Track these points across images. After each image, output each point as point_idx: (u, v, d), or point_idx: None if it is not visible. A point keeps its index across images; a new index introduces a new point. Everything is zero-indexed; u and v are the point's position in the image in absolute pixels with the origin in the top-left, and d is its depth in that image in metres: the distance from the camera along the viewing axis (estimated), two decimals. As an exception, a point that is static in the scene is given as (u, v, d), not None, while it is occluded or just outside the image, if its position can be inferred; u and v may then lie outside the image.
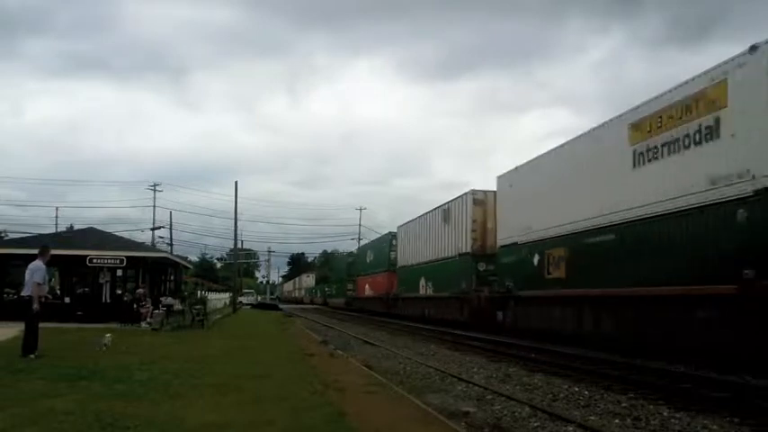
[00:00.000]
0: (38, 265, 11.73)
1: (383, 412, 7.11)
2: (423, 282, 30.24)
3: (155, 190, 66.97)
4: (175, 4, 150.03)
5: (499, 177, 21.97)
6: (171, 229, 63.97)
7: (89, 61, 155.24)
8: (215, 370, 10.16)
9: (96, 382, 8.50)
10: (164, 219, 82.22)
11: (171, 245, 61.85)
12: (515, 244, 20.04)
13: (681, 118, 12.77)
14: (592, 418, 7.85)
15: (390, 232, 40.44)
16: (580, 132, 16.03)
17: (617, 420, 7.72)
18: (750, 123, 10.98)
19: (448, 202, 27.53)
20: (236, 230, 40.44)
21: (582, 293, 15.76)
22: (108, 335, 13.76)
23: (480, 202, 24.22)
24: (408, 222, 34.96)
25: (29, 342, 11.31)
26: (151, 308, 21.78)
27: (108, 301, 24.11)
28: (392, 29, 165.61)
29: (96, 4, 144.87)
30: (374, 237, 51.28)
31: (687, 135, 12.55)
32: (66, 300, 24.35)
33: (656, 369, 11.54)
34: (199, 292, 38.86)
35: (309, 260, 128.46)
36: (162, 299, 24.79)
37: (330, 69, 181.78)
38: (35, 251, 12.54)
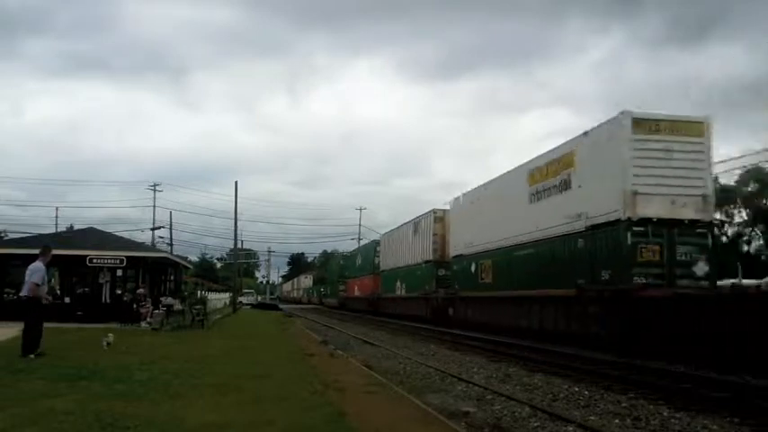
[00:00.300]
0: (38, 266, 11.70)
1: (383, 412, 7.12)
2: (398, 284, 35.32)
3: (155, 190, 66.96)
4: (175, 4, 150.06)
5: (452, 200, 27.45)
6: (171, 229, 63.97)
7: (89, 61, 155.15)
8: (215, 370, 10.16)
9: (96, 382, 8.49)
10: (164, 219, 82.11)
11: (171, 245, 61.84)
12: (461, 255, 25.52)
13: (554, 171, 18.14)
14: (592, 418, 7.86)
15: (375, 240, 46.13)
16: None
17: (617, 420, 7.72)
18: (585, 182, 16.56)
19: (418, 217, 32.72)
20: (236, 230, 40.46)
21: (502, 294, 21.16)
22: (110, 333, 13.79)
23: (440, 219, 29.22)
24: (390, 231, 40.65)
25: (28, 342, 11.32)
26: (151, 308, 21.77)
27: (108, 301, 24.11)
28: (392, 29, 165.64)
29: (96, 4, 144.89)
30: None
31: (555, 185, 18.05)
32: (67, 300, 24.34)
33: (656, 369, 11.55)
34: (199, 292, 38.85)
35: (309, 260, 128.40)
36: (162, 299, 24.77)
37: (330, 69, 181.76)
38: (35, 251, 12.54)
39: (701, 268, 14.92)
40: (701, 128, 15.46)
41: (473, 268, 24.05)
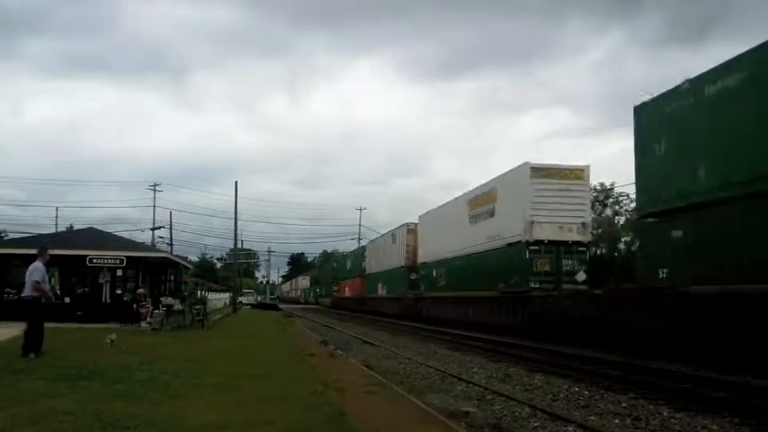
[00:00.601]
0: (36, 265, 11.79)
1: (383, 412, 7.11)
2: (380, 285, 40.75)
3: (155, 190, 66.96)
4: (175, 4, 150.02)
5: (420, 216, 33.65)
6: (171, 229, 63.96)
7: (89, 61, 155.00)
8: (215, 370, 10.15)
9: (96, 382, 8.49)
10: (164, 219, 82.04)
11: (171, 245, 61.82)
12: (426, 262, 31.31)
13: (484, 202, 24.02)
14: (592, 418, 7.86)
15: (363, 246, 53.75)
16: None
17: (617, 420, 7.72)
18: (502, 212, 22.25)
19: (395, 229, 38.93)
20: (236, 230, 40.45)
21: (450, 294, 26.72)
22: (114, 332, 13.77)
23: (412, 231, 34.94)
24: (374, 239, 48.18)
25: (30, 341, 11.34)
26: (151, 308, 21.75)
27: (108, 301, 24.09)
28: (392, 29, 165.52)
29: (96, 4, 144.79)
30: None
31: (485, 212, 23.85)
32: (67, 300, 24.31)
33: (656, 369, 11.55)
34: (199, 292, 38.85)
35: (309, 260, 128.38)
36: (162, 299, 24.75)
37: (330, 69, 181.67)
38: (35, 251, 12.55)
39: (581, 276, 20.16)
40: (582, 173, 20.72)
41: (434, 273, 29.68)
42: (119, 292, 25.33)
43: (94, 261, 23.21)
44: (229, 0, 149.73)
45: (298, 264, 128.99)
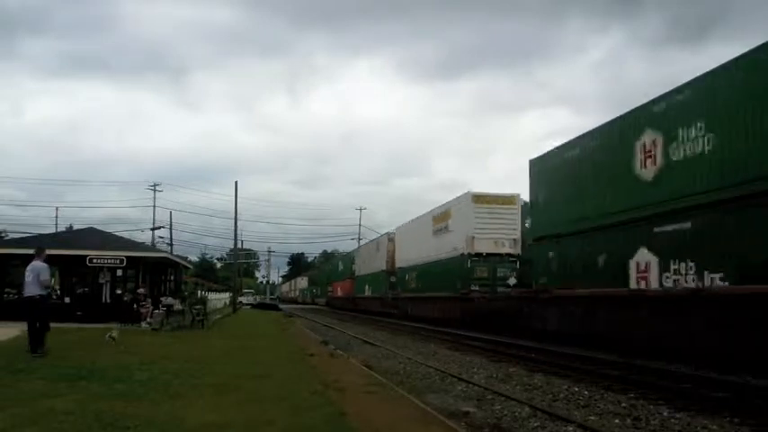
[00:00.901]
0: (42, 265, 11.72)
1: (383, 412, 7.11)
2: (367, 287, 45.93)
3: (155, 190, 66.98)
4: (175, 3, 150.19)
5: (397, 228, 39.26)
6: (171, 229, 63.98)
7: (89, 61, 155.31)
8: (215, 370, 10.16)
9: (96, 382, 8.49)
10: (164, 219, 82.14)
11: (171, 245, 61.84)
12: (402, 267, 36.12)
13: (443, 219, 28.84)
14: (592, 418, 7.85)
15: (352, 251, 60.84)
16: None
17: (617, 420, 7.72)
18: (454, 228, 27.10)
19: (378, 237, 45.85)
20: (236, 230, 40.46)
21: (423, 295, 31.26)
22: (114, 329, 13.76)
23: (392, 239, 39.80)
24: (361, 246, 58.37)
25: (39, 338, 11.40)
26: (151, 308, 21.75)
27: (108, 301, 24.08)
28: (392, 29, 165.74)
29: (96, 4, 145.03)
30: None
31: (442, 228, 28.85)
32: (67, 300, 24.32)
33: (656, 369, 11.54)
34: (199, 292, 38.83)
35: (309, 260, 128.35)
36: (162, 299, 24.76)
37: (330, 69, 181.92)
38: (32, 251, 12.55)
39: (512, 281, 23.93)
40: (513, 199, 25.47)
41: (407, 277, 34.58)
42: (119, 292, 25.32)
43: (94, 261, 23.20)
44: (229, 0, 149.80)
45: (298, 264, 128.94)
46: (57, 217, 67.16)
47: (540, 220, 19.17)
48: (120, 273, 25.81)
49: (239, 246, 54.29)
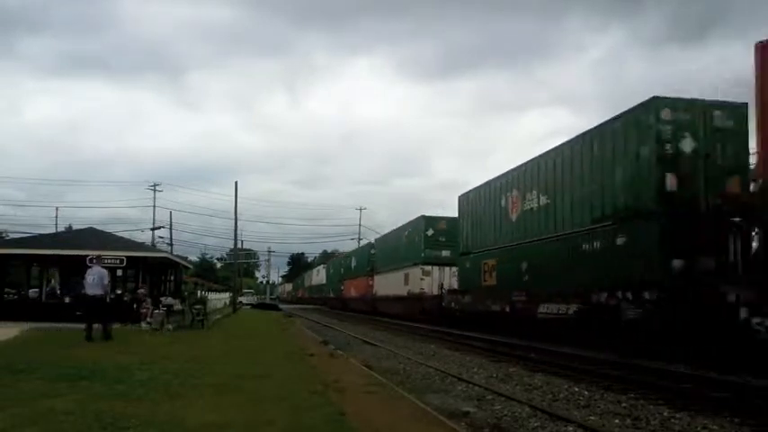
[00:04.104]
0: (104, 271, 15.35)
1: (383, 412, 7.11)
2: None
3: (155, 190, 67.03)
4: (175, 3, 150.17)
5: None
6: (171, 229, 64.01)
7: (88, 61, 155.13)
8: (215, 370, 10.15)
9: (96, 382, 8.48)
10: (164, 219, 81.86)
11: (171, 245, 61.85)
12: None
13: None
14: (592, 418, 7.85)
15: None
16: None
17: (617, 420, 7.72)
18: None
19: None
20: (236, 230, 40.46)
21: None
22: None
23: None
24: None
25: (105, 330, 14.22)
26: (151, 308, 21.73)
27: (108, 301, 24.01)
28: (392, 28, 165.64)
29: (96, 4, 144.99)
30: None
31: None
32: (66, 300, 24.29)
33: (656, 369, 11.55)
34: (199, 292, 38.83)
35: (309, 260, 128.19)
36: (162, 299, 24.72)
37: (330, 69, 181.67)
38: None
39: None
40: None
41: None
42: (119, 292, 25.30)
43: (94, 261, 23.15)
44: (229, 0, 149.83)
45: (298, 264, 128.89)
46: (56, 217, 67.14)
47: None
48: (120, 273, 25.79)
49: (239, 246, 54.25)
